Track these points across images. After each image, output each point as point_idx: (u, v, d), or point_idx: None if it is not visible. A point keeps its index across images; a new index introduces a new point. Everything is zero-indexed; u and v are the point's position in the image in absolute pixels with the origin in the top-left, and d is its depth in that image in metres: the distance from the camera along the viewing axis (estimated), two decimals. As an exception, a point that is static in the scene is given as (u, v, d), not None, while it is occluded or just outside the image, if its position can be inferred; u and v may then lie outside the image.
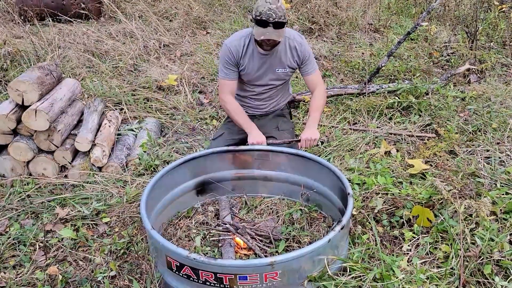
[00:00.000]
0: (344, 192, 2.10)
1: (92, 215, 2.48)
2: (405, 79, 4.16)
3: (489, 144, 2.97)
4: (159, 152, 3.02)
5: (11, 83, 2.75)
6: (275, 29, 2.30)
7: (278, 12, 2.28)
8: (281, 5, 2.31)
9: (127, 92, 3.98)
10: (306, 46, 2.55)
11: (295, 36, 2.54)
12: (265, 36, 2.31)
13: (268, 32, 2.30)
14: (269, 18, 2.27)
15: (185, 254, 1.71)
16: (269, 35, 2.31)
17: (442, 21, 5.74)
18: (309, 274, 1.78)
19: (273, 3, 2.30)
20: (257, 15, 2.31)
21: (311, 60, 2.57)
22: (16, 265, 2.14)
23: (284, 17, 2.32)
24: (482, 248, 1.93)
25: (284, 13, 2.32)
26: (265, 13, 2.27)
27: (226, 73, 2.55)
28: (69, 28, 5.38)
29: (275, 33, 2.31)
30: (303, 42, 2.54)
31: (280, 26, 2.31)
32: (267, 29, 2.30)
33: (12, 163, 2.80)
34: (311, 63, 2.58)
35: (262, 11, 2.28)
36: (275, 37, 2.33)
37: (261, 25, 2.30)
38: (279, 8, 2.29)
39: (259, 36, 2.33)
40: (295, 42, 2.51)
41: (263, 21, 2.28)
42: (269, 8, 2.28)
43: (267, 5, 2.29)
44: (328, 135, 3.26)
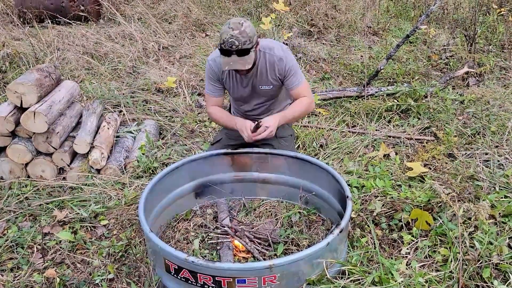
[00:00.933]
0: (343, 195, 2.10)
1: (90, 218, 2.47)
2: (404, 82, 4.17)
3: (488, 147, 2.97)
4: (157, 155, 3.01)
5: (9, 85, 2.75)
6: (240, 56, 2.12)
7: (241, 38, 2.08)
8: (245, 29, 2.10)
9: (126, 94, 3.97)
10: (287, 59, 2.31)
11: (276, 49, 2.32)
12: (229, 67, 2.15)
13: (232, 61, 2.13)
14: (231, 46, 2.09)
15: (184, 257, 1.70)
16: (234, 65, 2.14)
17: (441, 24, 5.76)
18: (307, 278, 1.78)
19: (236, 28, 2.09)
20: (220, 43, 2.12)
21: (294, 74, 2.34)
22: (13, 267, 2.13)
23: (250, 41, 2.11)
24: (481, 251, 1.93)
25: (249, 37, 2.11)
26: (227, 41, 2.08)
27: (211, 90, 2.44)
28: (68, 30, 5.39)
29: (240, 61, 2.13)
30: (283, 56, 2.31)
31: (244, 53, 2.12)
32: (231, 58, 2.12)
33: (10, 165, 2.80)
34: (295, 76, 2.35)
35: (224, 39, 2.09)
36: (240, 66, 2.14)
37: (224, 54, 2.13)
38: (242, 33, 2.09)
39: (224, 67, 2.16)
40: (275, 57, 2.30)
41: (226, 50, 2.11)
42: (231, 35, 2.08)
43: (229, 31, 2.09)
44: (327, 137, 3.26)
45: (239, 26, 2.10)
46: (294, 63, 2.34)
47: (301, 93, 2.39)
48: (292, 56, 2.36)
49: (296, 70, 2.35)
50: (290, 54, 2.35)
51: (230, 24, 2.11)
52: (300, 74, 2.37)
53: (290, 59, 2.32)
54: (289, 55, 2.34)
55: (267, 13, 5.65)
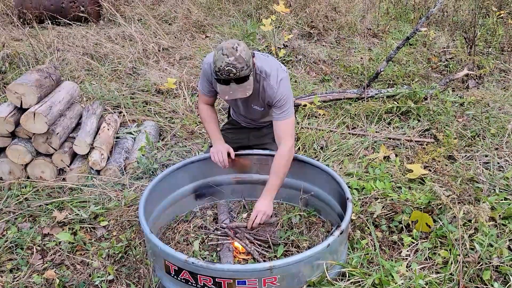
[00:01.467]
0: (343, 197, 2.10)
1: (90, 219, 2.46)
2: (403, 84, 4.17)
3: (487, 150, 2.97)
4: (157, 156, 3.01)
5: (9, 86, 2.75)
6: (239, 84, 2.02)
7: (238, 65, 1.95)
8: (240, 53, 1.96)
9: (126, 95, 3.97)
10: (278, 91, 2.15)
11: (272, 78, 2.17)
12: (229, 96, 2.06)
13: (232, 89, 2.03)
14: (229, 74, 1.97)
15: (184, 258, 1.70)
16: (234, 94, 2.04)
17: (440, 27, 5.77)
18: (308, 279, 1.78)
19: (231, 54, 1.95)
20: (216, 72, 1.99)
21: (282, 106, 2.17)
22: (13, 268, 2.12)
23: (247, 66, 1.99)
24: (481, 253, 1.93)
25: (246, 62, 1.98)
26: (223, 69, 1.96)
27: (203, 88, 2.38)
28: (68, 31, 5.39)
29: (239, 89, 2.03)
30: (276, 88, 2.16)
31: (243, 80, 2.02)
32: (230, 86, 2.02)
33: (10, 166, 2.79)
34: (281, 109, 2.18)
35: (220, 67, 1.96)
36: (241, 94, 2.05)
37: (222, 83, 2.03)
38: (238, 59, 1.95)
39: (224, 96, 2.07)
40: (268, 86, 2.17)
41: (223, 79, 2.00)
42: (227, 63, 1.94)
43: (225, 58, 1.95)
44: (327, 139, 3.26)
45: (233, 51, 1.96)
46: (284, 96, 2.17)
47: (282, 129, 2.19)
48: (285, 88, 2.19)
49: (284, 104, 2.18)
50: (284, 85, 2.18)
51: (223, 50, 1.97)
52: (287, 109, 2.19)
53: (281, 91, 2.17)
54: (282, 87, 2.17)
55: (267, 15, 5.65)
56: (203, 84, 2.37)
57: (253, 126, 2.61)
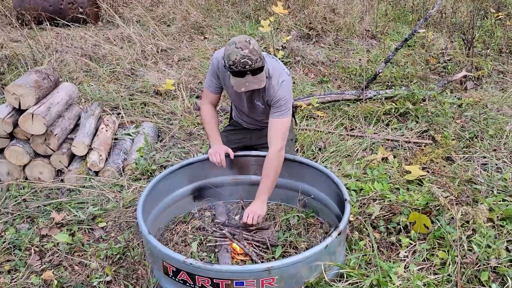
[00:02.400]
0: (341, 198, 2.10)
1: (88, 220, 2.46)
2: (402, 85, 4.18)
3: (485, 151, 2.98)
4: (156, 157, 3.01)
5: (8, 87, 2.75)
6: (254, 75, 2.05)
7: (253, 57, 2.00)
8: (253, 46, 2.02)
9: (124, 96, 3.97)
10: (280, 91, 2.20)
11: (274, 79, 2.22)
12: (245, 88, 2.08)
13: (248, 81, 2.06)
14: (245, 66, 2.00)
15: (182, 259, 1.70)
16: (250, 85, 2.08)
17: (439, 28, 5.78)
18: (306, 280, 1.78)
19: (245, 47, 2.00)
20: (230, 65, 2.03)
21: (280, 105, 2.21)
22: (11, 269, 2.12)
23: (260, 58, 2.04)
24: (479, 255, 1.93)
25: (259, 54, 2.04)
26: (239, 62, 2.00)
27: (209, 84, 2.39)
28: (67, 32, 5.38)
29: (255, 81, 2.07)
30: (276, 88, 2.21)
31: (259, 71, 2.06)
32: (245, 78, 2.05)
33: (8, 167, 2.79)
34: (279, 108, 2.21)
35: (235, 59, 2.00)
36: (257, 86, 2.09)
37: (237, 75, 2.05)
38: (252, 51, 2.01)
39: (240, 88, 2.09)
40: (270, 85, 2.21)
41: (239, 71, 2.03)
42: (242, 56, 1.99)
43: (239, 51, 1.99)
44: (325, 141, 3.26)
45: (247, 44, 2.01)
46: (283, 97, 2.21)
47: (274, 128, 2.22)
48: (285, 90, 2.23)
49: (283, 105, 2.21)
50: (284, 87, 2.22)
51: (236, 44, 2.01)
52: (284, 110, 2.22)
53: (280, 92, 2.21)
54: (282, 88, 2.21)
55: (265, 16, 5.66)
56: (210, 80, 2.39)
57: (255, 127, 2.61)
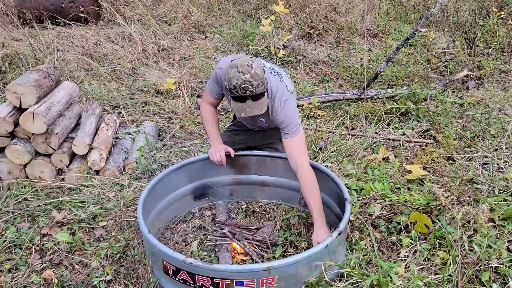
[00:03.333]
0: (341, 198, 2.10)
1: (89, 219, 2.46)
2: (403, 84, 4.17)
3: (487, 151, 2.97)
4: (156, 156, 3.01)
5: (8, 86, 2.75)
6: (255, 101, 2.03)
7: (254, 82, 1.96)
8: (255, 70, 1.97)
9: (125, 95, 3.97)
10: (283, 112, 2.17)
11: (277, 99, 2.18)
12: (246, 114, 2.06)
13: (249, 107, 2.04)
14: (245, 91, 1.97)
15: (182, 259, 1.70)
16: (250, 111, 2.05)
17: (440, 27, 5.77)
18: (306, 280, 1.78)
19: (246, 72, 1.96)
20: (231, 89, 1.99)
21: (287, 125, 2.17)
22: (11, 268, 2.12)
23: (262, 83, 2.00)
24: (480, 255, 1.93)
25: (261, 79, 1.99)
26: (239, 86, 1.96)
27: (211, 89, 2.37)
28: (68, 31, 5.38)
29: (256, 106, 2.04)
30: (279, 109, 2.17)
31: (260, 97, 2.03)
32: (246, 103, 2.03)
33: (9, 166, 2.79)
34: (288, 128, 2.17)
35: (236, 84, 1.96)
36: (257, 111, 2.06)
37: (238, 100, 2.03)
38: (254, 76, 1.96)
39: (240, 113, 2.07)
40: (274, 106, 2.18)
41: (240, 96, 2.00)
42: (243, 81, 1.95)
43: (240, 76, 1.95)
44: (326, 140, 3.25)
45: (249, 68, 1.97)
46: (288, 115, 2.17)
47: (292, 147, 2.18)
48: (288, 109, 2.18)
49: (289, 124, 2.17)
50: (287, 106, 2.18)
51: (238, 67, 1.97)
52: (294, 126, 2.18)
53: (283, 113, 2.17)
54: (285, 108, 2.17)
55: (266, 15, 5.65)
56: (213, 86, 2.36)
57: (259, 130, 2.60)
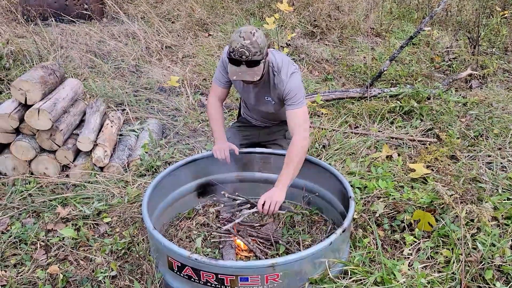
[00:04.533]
0: (345, 196, 2.11)
1: (93, 215, 2.48)
2: (406, 83, 4.17)
3: (490, 150, 2.97)
4: (160, 153, 3.02)
5: (14, 82, 2.76)
6: (249, 67, 2.06)
7: (252, 49, 2.01)
8: (256, 39, 2.02)
9: (129, 93, 3.98)
10: (290, 83, 2.21)
11: (283, 72, 2.23)
12: (237, 77, 2.09)
13: (241, 71, 2.07)
14: (241, 56, 2.01)
15: (187, 255, 1.71)
16: (242, 75, 2.08)
17: (444, 26, 5.76)
18: (310, 277, 1.78)
19: (247, 38, 2.01)
20: (230, 52, 2.05)
21: (292, 97, 2.22)
22: (17, 263, 2.14)
23: (260, 52, 2.04)
24: (484, 253, 1.93)
25: (260, 48, 2.03)
26: (237, 50, 2.01)
27: (219, 78, 2.40)
28: (72, 29, 5.39)
29: (249, 72, 2.07)
30: (285, 80, 2.22)
31: (254, 64, 2.06)
32: (240, 67, 2.06)
33: (14, 162, 2.80)
34: (293, 99, 2.22)
35: (234, 47, 2.02)
36: (249, 78, 2.09)
37: (233, 63, 2.07)
38: (253, 43, 2.01)
39: (232, 76, 2.11)
40: (279, 79, 2.23)
41: (235, 59, 2.04)
42: (242, 45, 2.00)
43: (240, 40, 2.01)
44: (329, 138, 3.26)
45: (250, 36, 2.02)
46: (294, 86, 2.22)
47: (295, 117, 2.21)
48: (295, 80, 2.24)
49: (297, 95, 2.22)
50: (294, 78, 2.23)
51: (241, 32, 2.03)
52: (298, 98, 2.22)
53: (290, 84, 2.22)
54: (292, 79, 2.22)
55: (270, 13, 5.65)
56: (219, 73, 2.39)
57: (264, 125, 2.61)
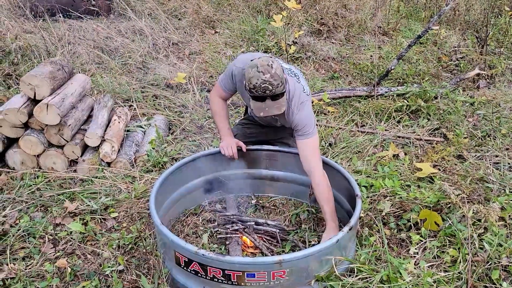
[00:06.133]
0: (352, 194, 2.11)
1: (101, 210, 2.49)
2: (414, 82, 4.15)
3: (498, 150, 2.96)
4: (167, 149, 3.03)
5: (24, 77, 2.78)
6: (274, 100, 2.04)
7: (274, 82, 1.97)
8: (275, 71, 1.98)
9: (136, 89, 4.00)
10: (299, 115, 2.18)
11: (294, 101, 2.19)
12: (265, 113, 2.07)
13: (268, 106, 2.04)
14: (265, 91, 1.98)
15: (194, 250, 1.72)
16: (269, 110, 2.06)
17: (452, 26, 5.72)
18: (316, 274, 1.79)
19: (266, 71, 1.96)
20: (251, 88, 2.00)
21: (302, 128, 2.19)
22: (25, 256, 2.16)
23: (282, 83, 2.00)
24: (490, 253, 1.93)
25: (281, 79, 1.99)
26: (259, 86, 1.97)
27: (224, 84, 2.37)
28: (79, 25, 5.41)
29: (275, 106, 2.05)
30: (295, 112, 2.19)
31: (279, 97, 2.04)
32: (265, 103, 2.03)
33: (23, 157, 2.83)
34: (302, 130, 2.19)
35: (256, 84, 1.97)
36: (276, 111, 2.07)
37: (257, 99, 2.04)
38: (274, 76, 1.97)
39: (259, 113, 2.07)
40: (290, 108, 2.19)
41: (259, 96, 2.01)
42: (263, 80, 1.96)
43: (260, 76, 1.96)
44: (336, 136, 3.26)
45: (269, 69, 1.97)
46: (304, 117, 2.19)
47: (304, 150, 2.19)
48: (305, 111, 2.20)
49: (304, 127, 2.18)
50: (304, 109, 2.20)
51: (258, 67, 1.98)
52: (308, 128, 2.18)
53: (300, 114, 2.19)
54: (302, 111, 2.19)
55: (276, 11, 5.64)
56: (226, 81, 2.36)
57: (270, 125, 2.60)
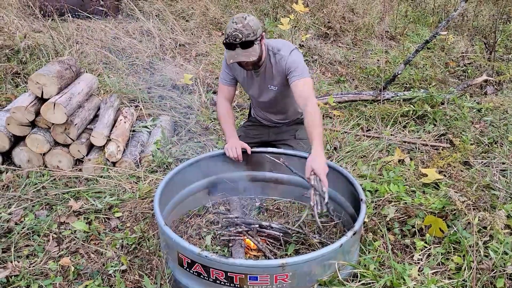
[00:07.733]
0: (356, 198, 2.10)
1: (105, 209, 2.50)
2: (420, 87, 4.13)
3: (505, 157, 2.93)
4: (172, 150, 3.04)
5: (32, 76, 2.80)
6: (244, 49, 2.16)
7: (244, 31, 2.12)
8: (248, 22, 2.14)
9: (142, 89, 4.01)
10: (291, 57, 2.28)
11: (282, 50, 2.32)
12: (234, 59, 2.19)
13: (237, 54, 2.17)
14: (235, 39, 2.13)
15: (197, 252, 1.72)
16: (238, 57, 2.17)
17: (460, 31, 5.70)
18: (319, 278, 1.78)
19: (239, 22, 2.13)
20: (225, 38, 2.18)
21: (295, 69, 2.27)
22: (29, 254, 2.17)
23: (254, 34, 2.15)
24: (496, 261, 1.91)
25: (253, 30, 2.14)
26: (231, 34, 2.13)
27: (223, 77, 2.47)
28: (87, 24, 5.45)
29: (244, 53, 2.17)
30: (287, 54, 2.29)
31: (248, 45, 2.15)
32: (235, 51, 2.17)
33: (29, 155, 2.85)
34: (296, 71, 2.26)
35: (228, 33, 2.15)
36: (245, 58, 2.18)
37: (229, 48, 2.18)
38: (246, 26, 2.13)
39: (229, 60, 2.21)
40: (278, 55, 2.31)
41: (230, 43, 2.16)
42: (235, 29, 2.12)
43: (233, 25, 2.13)
44: (341, 140, 3.25)
45: (242, 20, 2.14)
46: (296, 59, 2.28)
47: (299, 90, 2.24)
48: (296, 55, 2.32)
49: (300, 67, 2.27)
50: (295, 53, 2.31)
51: (234, 19, 2.15)
52: (301, 69, 2.26)
53: (295, 57, 2.29)
54: (293, 54, 2.30)
55: (283, 14, 5.65)
56: (224, 72, 2.45)
57: (273, 125, 2.62)
